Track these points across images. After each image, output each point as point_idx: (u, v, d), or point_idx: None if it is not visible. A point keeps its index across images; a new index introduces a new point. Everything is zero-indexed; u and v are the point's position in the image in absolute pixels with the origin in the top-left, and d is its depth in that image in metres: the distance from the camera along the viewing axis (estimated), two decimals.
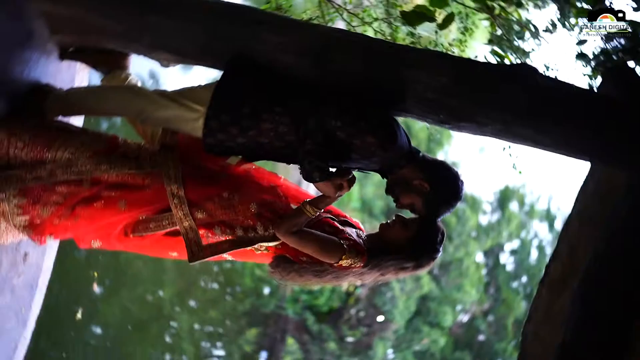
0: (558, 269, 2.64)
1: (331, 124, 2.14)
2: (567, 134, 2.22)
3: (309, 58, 2.29)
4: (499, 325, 18.92)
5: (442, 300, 18.00)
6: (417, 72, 2.23)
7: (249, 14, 2.35)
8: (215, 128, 2.23)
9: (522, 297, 18.64)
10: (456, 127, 2.35)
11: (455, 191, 2.32)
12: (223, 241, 2.33)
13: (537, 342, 2.69)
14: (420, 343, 17.91)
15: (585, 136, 2.23)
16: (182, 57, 2.44)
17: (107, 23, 2.33)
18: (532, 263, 19.53)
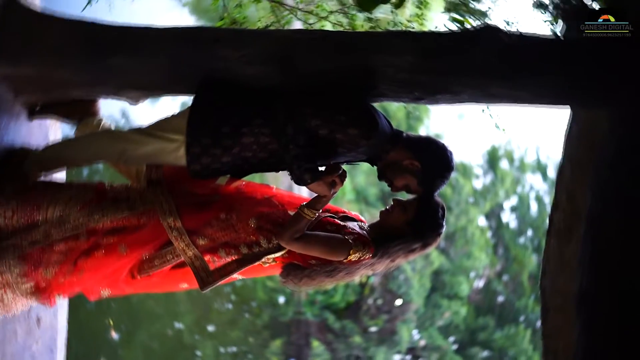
0: (561, 218, 2.66)
1: (311, 124, 2.14)
2: (541, 85, 2.23)
3: (273, 65, 2.29)
4: (515, 283, 19.01)
5: (454, 271, 18.06)
6: (383, 56, 2.23)
7: (206, 34, 2.34)
8: (198, 153, 2.22)
9: (531, 251, 18.73)
10: (433, 101, 2.36)
11: (446, 163, 2.33)
12: (230, 262, 2.32)
13: (556, 293, 2.71)
14: (442, 318, 17.96)
15: (559, 83, 2.24)
16: (150, 91, 2.43)
17: (71, 75, 2.32)
18: (534, 216, 19.63)
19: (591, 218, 2.08)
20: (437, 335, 17.62)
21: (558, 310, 2.68)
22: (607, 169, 2.09)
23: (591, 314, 1.98)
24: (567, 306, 2.39)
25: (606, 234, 2.00)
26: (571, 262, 2.43)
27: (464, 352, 17.64)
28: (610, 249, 1.98)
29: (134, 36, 2.29)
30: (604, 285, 1.98)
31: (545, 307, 2.89)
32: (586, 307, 2.01)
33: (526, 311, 17.82)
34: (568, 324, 2.35)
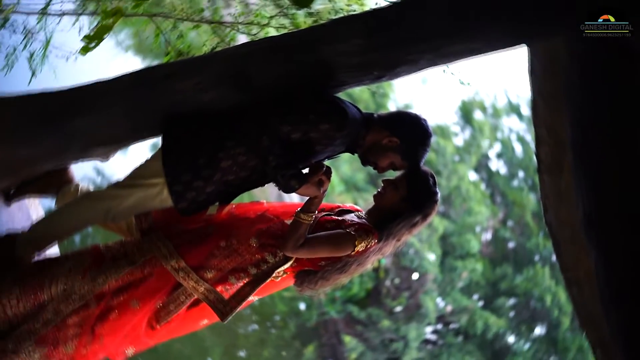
0: (547, 152, 2.67)
1: (282, 131, 2.14)
2: (494, 31, 2.24)
3: (228, 85, 2.27)
4: (520, 226, 19.16)
5: (460, 231, 18.16)
6: (332, 46, 2.23)
7: (155, 73, 2.32)
8: (181, 191, 2.21)
9: (527, 191, 18.88)
10: (394, 75, 2.36)
11: (423, 131, 2.35)
12: (242, 286, 2.32)
13: (563, 226, 2.73)
14: (461, 279, 18.07)
15: (510, 24, 2.24)
16: (116, 144, 2.41)
17: (35, 151, 2.29)
18: (521, 156, 19.80)
19: (575, 146, 2.09)
20: (460, 297, 17.72)
21: (569, 241, 2.70)
22: (578, 94, 2.10)
23: (602, 237, 2.00)
24: (577, 236, 2.41)
25: (594, 157, 2.01)
26: (569, 193, 2.45)
27: (491, 305, 17.76)
28: (602, 169, 2.00)
29: (86, 95, 2.27)
30: (606, 206, 1.99)
31: (556, 241, 2.90)
32: (595, 232, 2.02)
33: (539, 249, 17.98)
34: (583, 252, 2.37)
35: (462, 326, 17.64)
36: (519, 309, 17.98)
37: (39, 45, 3.37)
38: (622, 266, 1.96)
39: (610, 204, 1.98)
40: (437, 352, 17.51)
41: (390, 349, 17.26)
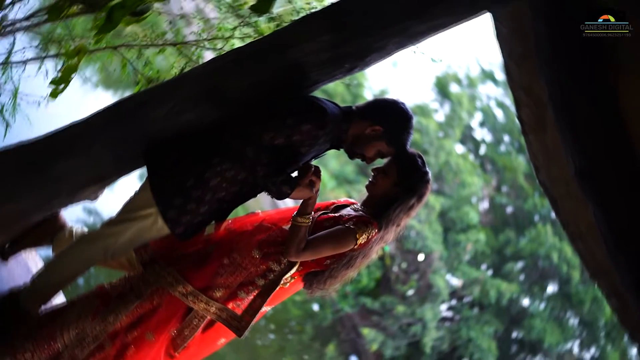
0: (528, 113, 2.68)
1: (265, 139, 2.14)
2: (456, 3, 2.25)
3: (203, 103, 2.27)
4: (515, 189, 19.25)
5: (457, 205, 18.22)
6: (299, 47, 2.23)
7: (128, 104, 2.31)
8: (175, 216, 2.21)
9: (515, 153, 19.00)
10: (365, 65, 2.37)
11: (404, 114, 2.35)
12: (253, 299, 2.32)
13: (556, 182, 2.74)
14: (466, 252, 18.15)
15: None
16: (102, 181, 2.39)
17: (21, 204, 2.27)
18: (503, 121, 19.90)
19: (555, 102, 2.10)
20: (469, 269, 17.80)
21: (565, 197, 2.71)
22: (549, 51, 2.11)
23: (596, 189, 2.01)
24: (572, 190, 2.42)
25: (575, 111, 2.02)
26: (557, 150, 2.46)
27: (500, 272, 17.85)
28: (585, 122, 2.01)
29: (64, 139, 2.25)
30: (595, 157, 2.01)
31: (552, 199, 2.92)
32: (589, 184, 2.03)
33: (537, 209, 18.09)
34: (581, 206, 2.38)
35: (476, 298, 17.72)
36: (528, 271, 18.09)
37: (8, 96, 3.35)
38: (621, 214, 1.98)
39: (599, 154, 1.99)
40: (455, 327, 17.58)
41: (409, 333, 17.32)
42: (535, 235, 17.39)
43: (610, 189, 1.98)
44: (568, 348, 17.52)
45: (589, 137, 2.01)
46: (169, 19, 3.44)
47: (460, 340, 17.11)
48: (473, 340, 16.75)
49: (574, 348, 17.75)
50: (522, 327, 17.20)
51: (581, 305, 16.29)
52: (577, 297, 16.29)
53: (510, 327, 17.94)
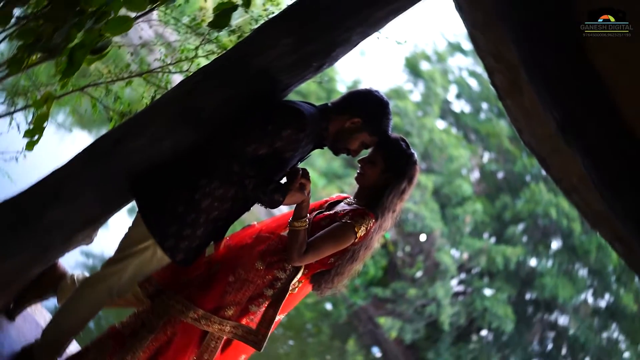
0: (501, 78, 2.69)
1: (248, 151, 2.14)
2: None
3: (179, 126, 2.26)
4: (502, 155, 19.36)
5: (448, 180, 18.30)
6: (264, 54, 2.23)
7: (106, 141, 2.31)
8: (173, 244, 2.20)
9: (496, 119, 19.11)
10: (333, 60, 2.37)
11: (379, 101, 2.36)
12: (265, 310, 2.32)
13: (541, 141, 2.75)
14: (466, 224, 18.23)
15: None
16: (94, 223, 2.38)
17: (18, 260, 2.26)
18: (478, 89, 20.02)
19: (526, 63, 2.11)
20: (472, 241, 17.89)
21: (552, 153, 2.73)
22: (511, 14, 2.12)
23: (582, 140, 2.02)
24: (558, 145, 2.44)
25: (547, 69, 2.03)
26: (536, 109, 2.47)
27: (503, 238, 17.95)
28: (558, 77, 2.01)
29: (48, 188, 2.24)
30: (575, 109, 2.01)
31: (540, 157, 2.93)
32: (573, 136, 2.04)
33: (527, 170, 18.22)
34: (569, 159, 2.39)
35: (484, 267, 17.82)
36: (529, 232, 18.20)
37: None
38: (610, 161, 1.98)
39: (577, 106, 2.00)
40: (469, 300, 17.67)
41: (425, 314, 17.38)
42: (530, 195, 17.49)
43: (594, 138, 1.99)
44: (582, 299, 17.66)
45: (565, 91, 2.01)
46: (130, 51, 3.42)
47: (476, 312, 17.19)
48: (488, 309, 16.84)
49: (588, 298, 17.90)
50: (534, 287, 17.31)
51: (587, 255, 16.41)
52: (582, 248, 16.40)
53: (523, 289, 18.06)
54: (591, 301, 17.89)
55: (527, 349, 18.11)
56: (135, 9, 2.10)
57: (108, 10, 2.00)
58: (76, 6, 1.98)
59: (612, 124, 1.96)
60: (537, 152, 2.89)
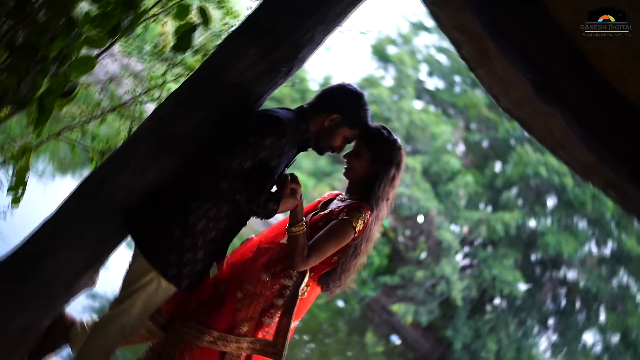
0: (469, 49, 2.70)
1: (234, 167, 2.13)
2: None
3: (161, 155, 2.26)
4: (484, 124, 19.46)
5: (435, 158, 18.37)
6: (232, 68, 2.23)
7: (90, 184, 2.30)
8: (176, 272, 2.19)
9: (471, 90, 19.20)
10: (300, 62, 2.37)
11: (353, 94, 2.37)
12: (279, 320, 2.32)
13: (519, 105, 2.77)
14: (460, 197, 18.31)
15: None
16: (93, 265, 2.37)
17: (26, 316, 2.25)
18: (448, 64, 20.10)
19: (491, 31, 2.12)
20: (469, 213, 17.97)
21: (532, 115, 2.75)
22: None
23: (558, 96, 2.03)
24: (536, 106, 2.46)
25: (512, 33, 2.04)
26: (508, 73, 2.49)
27: (499, 205, 18.04)
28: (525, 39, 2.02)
29: (41, 240, 2.24)
30: (546, 67, 2.02)
31: (520, 120, 2.96)
32: (550, 94, 2.05)
33: (510, 134, 18.33)
34: (549, 118, 2.42)
35: (485, 237, 17.91)
36: (523, 194, 18.31)
37: None
38: (590, 112, 2.00)
39: (549, 63, 2.01)
40: (477, 272, 17.75)
41: (436, 294, 17.45)
42: (518, 158, 17.60)
43: (571, 92, 2.01)
44: (586, 251, 17.80)
45: (534, 52, 2.02)
46: (99, 88, 3.41)
47: (485, 282, 17.28)
48: (497, 277, 16.93)
49: (592, 248, 18.05)
50: (538, 247, 17.43)
51: (584, 207, 16.54)
52: (578, 200, 16.53)
53: (527, 252, 18.17)
54: (595, 251, 18.03)
55: (542, 309, 18.24)
56: (96, 46, 2.09)
57: (69, 52, 1.99)
58: (37, 54, 1.97)
59: (585, 76, 1.98)
60: (517, 115, 2.91)
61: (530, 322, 17.88)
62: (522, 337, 17.57)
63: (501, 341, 17.16)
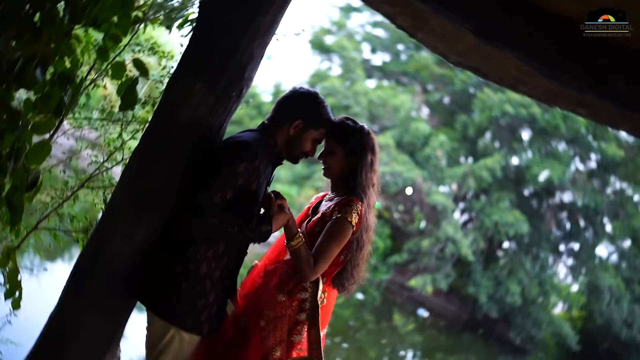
0: (403, 18, 2.70)
1: (216, 201, 2.12)
2: None
3: (142, 214, 2.24)
4: (439, 81, 19.64)
5: (403, 128, 18.50)
6: (185, 105, 2.22)
7: (84, 263, 2.29)
8: (194, 322, 2.18)
9: (417, 53, 19.35)
10: (249, 81, 2.38)
11: (308, 95, 2.38)
12: (308, 334, 2.32)
13: (467, 54, 2.80)
14: (440, 159, 18.46)
15: None
16: (112, 341, 2.35)
17: None
18: (387, 36, 20.27)
19: None
20: (453, 170, 18.13)
21: (482, 61, 2.78)
22: None
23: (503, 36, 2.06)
24: (484, 52, 2.49)
25: None
26: (447, 30, 2.52)
27: (477, 153, 18.22)
28: None
29: (52, 336, 2.24)
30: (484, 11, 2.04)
31: (474, 69, 2.99)
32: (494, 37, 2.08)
33: (466, 83, 18.54)
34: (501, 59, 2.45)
35: (476, 188, 18.08)
36: (498, 135, 18.51)
37: None
38: (536, 40, 2.03)
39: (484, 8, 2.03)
40: (478, 223, 17.91)
41: (446, 257, 17.58)
42: (482, 104, 17.80)
43: (513, 29, 2.03)
44: (574, 170, 18.05)
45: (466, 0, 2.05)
46: (61, 168, 3.37)
47: (489, 231, 17.44)
48: (499, 222, 17.09)
49: (578, 166, 18.32)
50: (527, 182, 17.63)
51: (558, 129, 16.77)
52: (550, 125, 16.76)
53: (519, 189, 18.39)
54: (582, 167, 18.31)
55: (550, 239, 18.48)
56: (45, 130, 2.06)
57: (21, 144, 1.96)
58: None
59: (522, 9, 2.00)
60: (469, 66, 2.94)
61: (543, 254, 18.10)
62: (540, 271, 17.78)
63: (522, 281, 17.35)
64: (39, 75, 1.97)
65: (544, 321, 17.11)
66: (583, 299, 17.49)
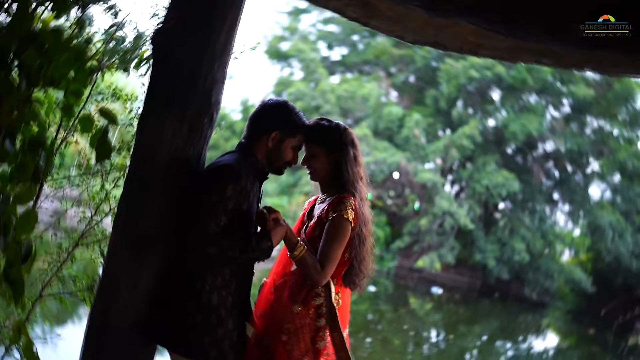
0: (353, 9, 2.72)
1: (211, 229, 2.12)
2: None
3: (142, 258, 2.24)
4: (401, 62, 19.75)
5: (377, 116, 18.59)
6: (161, 144, 2.22)
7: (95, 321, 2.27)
8: (218, 352, 2.18)
9: (372, 39, 19.46)
10: (218, 105, 2.39)
11: (278, 105, 2.39)
12: (332, 338, 2.32)
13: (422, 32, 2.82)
14: (418, 137, 18.56)
15: None
16: None
17: None
18: (339, 30, 20.37)
19: None
20: (433, 145, 18.25)
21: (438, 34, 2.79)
22: None
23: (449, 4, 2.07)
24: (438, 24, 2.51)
25: None
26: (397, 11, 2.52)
27: (454, 123, 18.35)
28: None
29: None
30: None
31: (432, 44, 3.02)
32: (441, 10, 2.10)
33: (427, 58, 18.69)
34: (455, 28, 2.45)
35: (459, 157, 18.22)
36: (469, 102, 18.66)
37: None
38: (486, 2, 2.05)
39: None
40: (470, 191, 18.04)
41: (447, 231, 17.69)
42: (446, 75, 17.93)
43: None
44: (550, 119, 18.24)
45: None
46: (52, 232, 3.35)
47: (483, 195, 17.58)
48: (489, 185, 17.23)
49: (554, 114, 18.51)
50: (508, 140, 17.80)
51: (525, 83, 16.96)
52: (517, 80, 16.93)
53: (501, 148, 18.56)
54: (557, 114, 18.50)
55: (542, 190, 18.66)
56: (27, 200, 2.05)
57: (7, 218, 1.95)
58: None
59: None
60: (427, 41, 2.97)
61: (539, 206, 18.29)
62: (540, 223, 17.96)
63: (525, 237, 17.52)
64: (9, 146, 1.97)
65: (554, 271, 17.30)
66: (587, 240, 17.71)
